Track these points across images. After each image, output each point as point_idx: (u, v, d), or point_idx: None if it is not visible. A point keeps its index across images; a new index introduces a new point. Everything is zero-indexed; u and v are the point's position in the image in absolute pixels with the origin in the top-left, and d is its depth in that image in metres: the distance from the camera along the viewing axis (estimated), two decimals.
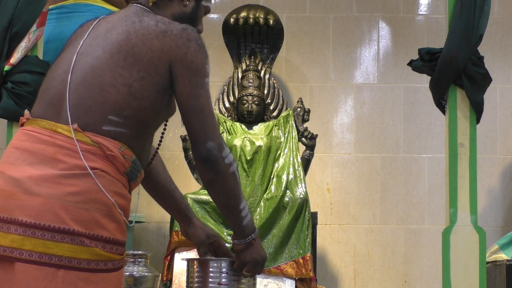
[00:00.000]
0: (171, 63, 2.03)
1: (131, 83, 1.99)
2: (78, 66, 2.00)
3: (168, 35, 2.04)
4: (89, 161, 1.96)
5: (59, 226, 1.90)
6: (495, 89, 4.74)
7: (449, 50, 3.22)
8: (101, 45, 2.02)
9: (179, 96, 2.06)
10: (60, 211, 1.90)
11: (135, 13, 2.08)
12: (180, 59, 2.04)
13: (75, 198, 1.92)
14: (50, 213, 1.90)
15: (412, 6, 4.91)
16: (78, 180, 1.93)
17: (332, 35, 4.89)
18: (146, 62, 2.01)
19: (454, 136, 3.23)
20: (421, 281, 4.72)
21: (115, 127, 2.00)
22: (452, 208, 3.20)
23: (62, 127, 1.97)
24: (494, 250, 3.90)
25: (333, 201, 4.79)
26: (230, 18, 4.43)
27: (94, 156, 1.97)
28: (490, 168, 4.77)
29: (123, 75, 1.99)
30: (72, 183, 1.93)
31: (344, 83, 4.87)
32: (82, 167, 1.94)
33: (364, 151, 4.82)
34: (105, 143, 1.98)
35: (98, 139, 1.97)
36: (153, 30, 2.03)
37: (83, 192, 1.93)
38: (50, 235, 1.90)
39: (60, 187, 1.92)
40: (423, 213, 4.76)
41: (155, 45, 2.02)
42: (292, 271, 3.84)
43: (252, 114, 4.22)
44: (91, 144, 1.96)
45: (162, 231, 4.72)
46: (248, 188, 4.01)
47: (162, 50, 2.02)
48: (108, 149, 1.98)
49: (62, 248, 1.90)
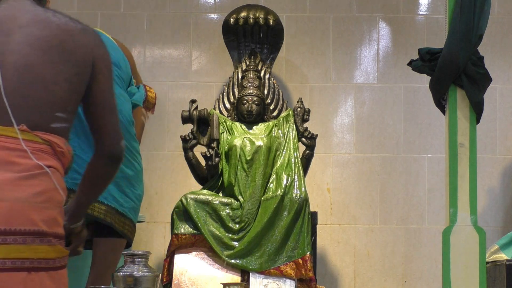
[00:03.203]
0: (94, 60, 2.06)
1: (71, 79, 2.01)
2: (6, 66, 1.97)
3: (88, 32, 2.08)
4: (43, 160, 1.96)
5: (30, 228, 1.89)
6: (495, 89, 4.74)
7: (449, 50, 3.22)
8: (24, 42, 1.99)
9: (99, 93, 2.09)
10: (30, 213, 1.90)
11: (32, 5, 2.07)
12: (101, 57, 2.08)
13: (39, 199, 1.92)
14: (21, 216, 1.89)
15: (412, 6, 4.91)
16: (39, 180, 1.93)
17: (332, 35, 4.89)
18: (78, 58, 2.03)
19: (454, 136, 3.23)
20: (421, 281, 4.72)
21: (62, 123, 2.02)
22: (452, 208, 3.20)
23: (7, 130, 1.95)
24: (494, 250, 3.90)
25: (333, 201, 4.79)
26: (230, 18, 4.43)
27: (46, 155, 1.97)
28: (490, 168, 4.77)
29: (63, 70, 2.00)
30: (34, 184, 1.92)
31: (344, 83, 4.87)
32: (39, 166, 1.94)
33: (364, 151, 4.82)
34: (55, 141, 1.99)
35: (48, 137, 1.98)
36: (73, 27, 2.06)
37: (44, 191, 1.93)
38: (22, 239, 1.89)
39: (23, 189, 1.90)
40: (423, 213, 4.76)
41: (82, 41, 2.05)
42: (292, 271, 3.84)
43: (252, 114, 4.22)
44: (42, 143, 1.96)
45: (162, 231, 4.73)
46: (248, 188, 4.01)
47: (87, 47, 2.05)
48: (58, 146, 1.99)
49: (34, 250, 1.90)
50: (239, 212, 3.95)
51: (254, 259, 3.87)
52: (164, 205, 4.69)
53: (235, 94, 4.40)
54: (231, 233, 3.92)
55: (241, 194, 4.00)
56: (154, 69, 4.87)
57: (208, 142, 4.18)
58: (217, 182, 4.11)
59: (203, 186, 4.14)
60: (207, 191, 4.04)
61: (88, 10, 4.86)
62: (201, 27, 4.90)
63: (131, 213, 3.53)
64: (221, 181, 4.10)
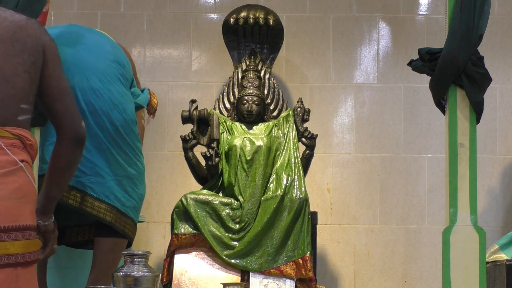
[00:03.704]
0: (43, 48, 2.09)
1: (29, 69, 2.04)
2: None
3: (33, 22, 2.12)
4: (16, 154, 1.97)
5: (14, 224, 1.91)
6: (495, 89, 4.74)
7: (449, 50, 3.22)
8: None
9: (53, 79, 2.11)
10: (13, 210, 1.92)
11: None
12: (48, 44, 2.11)
13: (18, 194, 1.94)
14: (5, 214, 1.91)
15: (412, 6, 4.91)
16: (16, 176, 1.95)
17: (332, 35, 4.89)
18: (30, 48, 2.06)
19: (454, 136, 3.23)
20: (421, 281, 4.72)
21: (26, 115, 2.04)
22: (452, 208, 3.20)
23: None
24: (494, 250, 3.90)
25: (333, 201, 4.79)
26: (230, 18, 4.43)
27: (17, 149, 1.99)
28: (490, 168, 4.77)
29: (20, 62, 2.03)
30: (12, 180, 1.94)
31: (344, 83, 4.87)
32: (13, 162, 1.96)
33: (364, 151, 4.82)
34: (24, 134, 2.01)
35: (17, 131, 1.99)
36: (19, 18, 2.09)
37: (21, 186, 1.96)
38: (7, 236, 1.92)
39: (3, 187, 1.93)
40: (423, 213, 4.76)
41: (29, 31, 2.08)
42: (292, 272, 3.84)
43: (252, 114, 4.22)
44: (13, 138, 1.97)
45: (162, 231, 4.73)
46: (248, 188, 4.01)
47: (36, 36, 2.08)
48: (27, 139, 2.01)
49: (17, 245, 1.93)
50: (239, 212, 3.95)
51: (254, 259, 3.87)
52: (164, 205, 4.70)
53: (235, 94, 4.40)
54: (231, 233, 3.92)
55: (241, 194, 4.00)
56: (154, 69, 4.86)
57: (208, 142, 4.18)
58: (217, 182, 4.11)
59: (203, 186, 4.14)
60: (207, 191, 4.04)
61: (88, 10, 4.86)
62: (201, 27, 4.90)
63: (132, 213, 3.53)
64: (221, 181, 4.10)
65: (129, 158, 3.50)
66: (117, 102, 3.47)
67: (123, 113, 3.48)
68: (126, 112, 3.49)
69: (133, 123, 3.56)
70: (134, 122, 3.58)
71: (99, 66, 3.47)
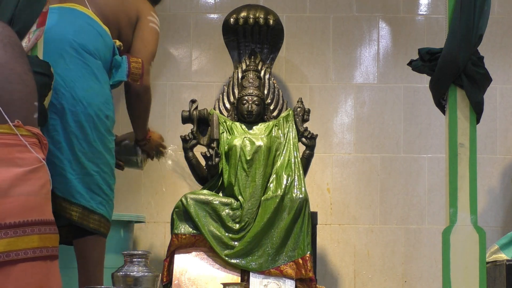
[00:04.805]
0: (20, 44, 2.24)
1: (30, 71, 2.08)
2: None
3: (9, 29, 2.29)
4: (38, 153, 2.02)
5: (43, 218, 1.95)
6: (495, 89, 4.74)
7: (449, 50, 3.22)
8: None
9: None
10: (42, 205, 1.96)
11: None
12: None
13: (44, 190, 1.99)
14: (35, 208, 1.94)
15: (412, 6, 4.91)
16: (41, 172, 2.01)
17: (332, 35, 4.89)
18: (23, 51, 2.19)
19: (454, 136, 3.23)
20: (421, 281, 4.72)
21: (37, 112, 2.09)
22: (452, 208, 3.20)
23: (3, 127, 2.00)
24: (494, 250, 3.90)
25: (333, 201, 4.79)
26: (230, 18, 4.43)
27: (37, 147, 2.03)
28: (490, 168, 4.77)
29: (26, 62, 2.09)
30: (39, 177, 1.99)
31: (344, 83, 4.87)
32: (37, 160, 1.99)
33: (364, 151, 4.82)
34: (40, 133, 2.05)
35: (35, 130, 2.04)
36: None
37: (46, 183, 2.03)
38: (38, 229, 1.99)
39: (33, 182, 1.97)
40: (423, 213, 4.76)
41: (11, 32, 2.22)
42: (292, 271, 3.84)
43: (252, 114, 4.22)
44: (32, 136, 2.01)
45: (162, 231, 4.72)
46: (248, 188, 4.01)
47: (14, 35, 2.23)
48: (43, 137, 2.05)
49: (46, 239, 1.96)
50: (239, 212, 3.95)
51: (254, 259, 3.87)
52: (164, 205, 4.69)
53: (235, 94, 4.40)
54: (231, 233, 3.92)
55: (241, 194, 4.00)
56: (154, 69, 4.86)
57: (208, 142, 4.18)
58: (217, 182, 4.11)
59: (203, 186, 4.14)
60: (207, 191, 4.04)
61: None
62: (201, 27, 4.90)
63: (100, 208, 3.41)
64: (221, 181, 4.10)
65: (93, 154, 3.40)
66: (81, 98, 3.37)
67: (88, 108, 3.38)
68: (92, 107, 3.39)
69: (100, 118, 3.44)
70: (103, 116, 3.46)
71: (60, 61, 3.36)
